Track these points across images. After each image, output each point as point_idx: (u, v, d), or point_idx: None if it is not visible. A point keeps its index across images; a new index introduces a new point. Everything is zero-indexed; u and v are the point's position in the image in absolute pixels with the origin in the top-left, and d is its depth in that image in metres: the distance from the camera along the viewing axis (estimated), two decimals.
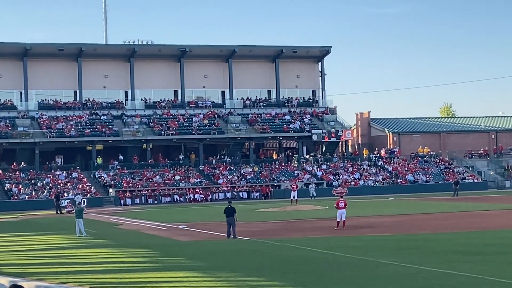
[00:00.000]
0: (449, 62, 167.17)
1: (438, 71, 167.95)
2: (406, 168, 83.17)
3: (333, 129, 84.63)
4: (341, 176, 79.47)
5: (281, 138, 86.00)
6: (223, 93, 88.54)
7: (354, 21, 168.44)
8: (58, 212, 58.61)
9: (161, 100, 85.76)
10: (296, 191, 61.11)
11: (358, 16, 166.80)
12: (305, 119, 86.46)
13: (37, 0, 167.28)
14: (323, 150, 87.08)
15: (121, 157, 79.10)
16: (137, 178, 74.63)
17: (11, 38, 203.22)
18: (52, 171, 75.51)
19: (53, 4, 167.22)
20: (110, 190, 72.10)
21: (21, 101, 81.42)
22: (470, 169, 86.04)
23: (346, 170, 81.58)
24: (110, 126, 79.67)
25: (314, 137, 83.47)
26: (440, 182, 79.91)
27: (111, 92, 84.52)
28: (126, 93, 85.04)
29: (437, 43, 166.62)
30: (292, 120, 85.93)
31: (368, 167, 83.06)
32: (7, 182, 71.38)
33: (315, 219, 43.69)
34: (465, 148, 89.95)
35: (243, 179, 77.11)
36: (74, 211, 40.76)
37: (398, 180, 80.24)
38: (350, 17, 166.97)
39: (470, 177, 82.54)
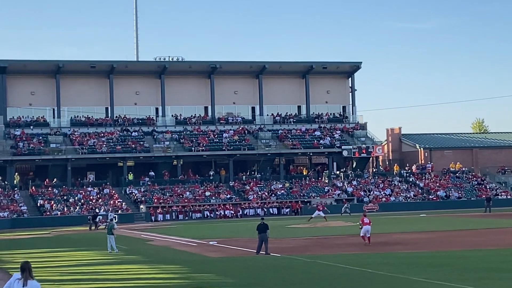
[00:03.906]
0: (481, 77, 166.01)
1: (469, 86, 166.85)
2: (437, 184, 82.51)
3: (363, 145, 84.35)
4: (372, 192, 79.09)
5: (311, 154, 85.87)
6: (253, 109, 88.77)
7: (384, 37, 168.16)
8: (94, 228, 59.28)
9: (191, 116, 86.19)
10: (321, 212, 61.05)
11: (389, 31, 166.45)
12: (335, 135, 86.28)
13: (70, 18, 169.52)
14: (354, 166, 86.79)
15: (152, 173, 79.55)
16: (167, 194, 74.98)
17: (44, 56, 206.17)
18: (84, 187, 76.15)
19: (85, 22, 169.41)
20: (141, 206, 72.51)
21: (54, 118, 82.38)
22: (503, 185, 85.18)
23: (377, 186, 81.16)
24: (141, 143, 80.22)
25: (345, 153, 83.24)
26: (472, 199, 79.12)
27: (142, 109, 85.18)
28: (157, 109, 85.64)
29: (469, 58, 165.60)
30: (322, 136, 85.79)
31: (399, 183, 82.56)
32: (40, 198, 72.10)
33: (346, 235, 43.51)
34: (497, 164, 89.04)
35: (273, 195, 77.08)
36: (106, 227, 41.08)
37: (430, 196, 79.65)
38: (380, 33, 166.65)
39: (503, 193, 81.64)
